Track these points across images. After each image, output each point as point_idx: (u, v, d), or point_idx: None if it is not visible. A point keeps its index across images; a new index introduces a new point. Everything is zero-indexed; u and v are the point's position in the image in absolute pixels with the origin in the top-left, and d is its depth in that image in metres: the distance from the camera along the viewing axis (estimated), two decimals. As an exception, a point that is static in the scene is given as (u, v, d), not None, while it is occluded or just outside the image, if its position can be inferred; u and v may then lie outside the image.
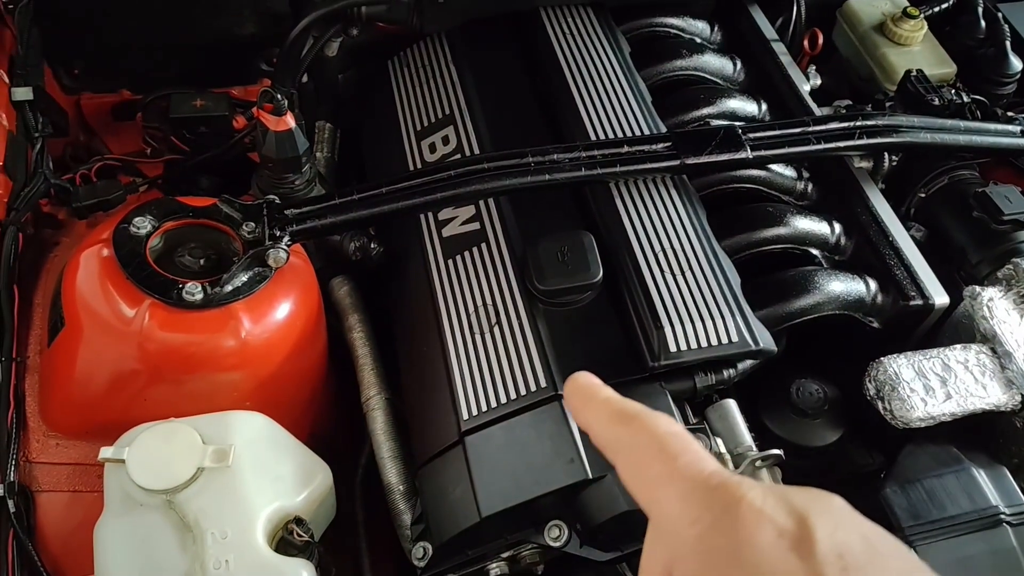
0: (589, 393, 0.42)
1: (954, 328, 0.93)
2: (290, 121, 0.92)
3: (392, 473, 0.88)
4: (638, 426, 0.38)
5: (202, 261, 0.85)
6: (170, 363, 0.79)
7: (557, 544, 0.78)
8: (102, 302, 0.79)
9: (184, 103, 1.10)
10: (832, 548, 0.31)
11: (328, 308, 0.97)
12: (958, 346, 0.87)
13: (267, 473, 0.76)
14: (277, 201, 0.87)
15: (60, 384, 0.86)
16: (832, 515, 0.32)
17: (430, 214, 0.97)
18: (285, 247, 0.83)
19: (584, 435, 0.77)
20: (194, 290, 0.78)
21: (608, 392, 0.42)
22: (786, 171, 1.00)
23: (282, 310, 0.84)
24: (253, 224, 0.84)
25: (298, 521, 0.76)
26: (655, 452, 0.37)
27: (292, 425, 0.83)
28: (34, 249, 1.01)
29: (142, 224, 0.82)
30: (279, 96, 0.90)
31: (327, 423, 1.00)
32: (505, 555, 0.80)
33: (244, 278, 0.82)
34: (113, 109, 1.20)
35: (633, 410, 0.40)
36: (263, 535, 0.73)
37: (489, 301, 0.88)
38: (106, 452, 0.74)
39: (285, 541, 0.75)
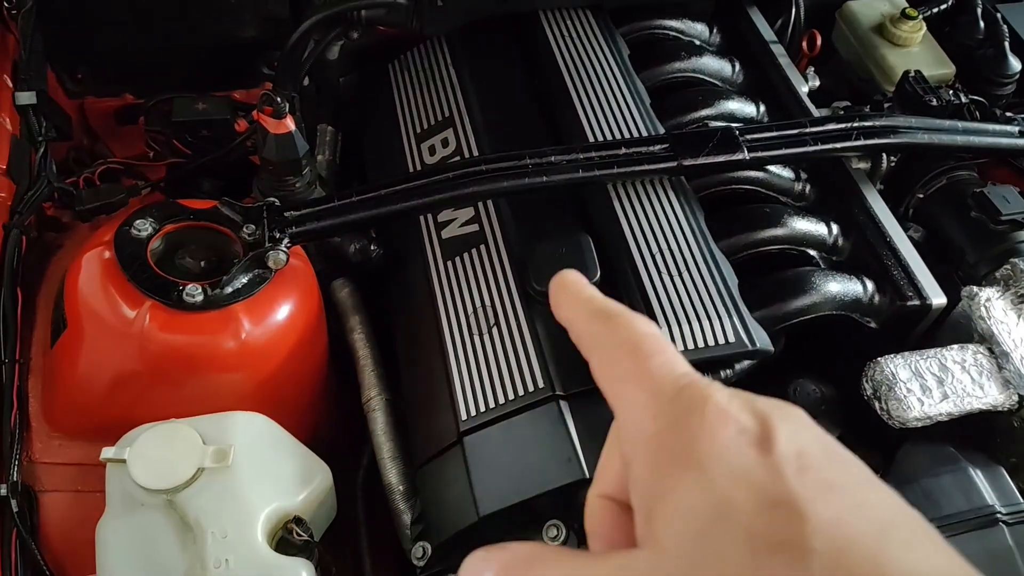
0: (573, 289, 0.41)
1: (952, 328, 0.93)
2: (290, 124, 0.92)
3: (392, 473, 0.89)
4: (616, 324, 0.37)
5: (203, 263, 0.86)
6: (171, 364, 0.80)
7: (555, 543, 0.78)
8: (103, 304, 0.80)
9: (186, 107, 1.11)
10: (792, 448, 0.31)
11: (329, 310, 0.98)
12: (955, 346, 0.87)
13: (267, 473, 0.77)
14: (277, 203, 0.88)
15: (62, 385, 0.87)
16: (794, 421, 0.32)
17: (430, 216, 0.98)
18: (285, 249, 0.84)
19: (582, 435, 0.78)
20: (194, 292, 0.79)
21: (592, 291, 0.40)
22: (784, 172, 1.00)
23: (282, 311, 0.85)
24: (253, 226, 0.85)
25: (298, 521, 0.76)
26: (629, 350, 0.36)
27: (293, 426, 0.84)
28: (37, 252, 1.02)
29: (143, 227, 0.83)
30: (279, 99, 0.91)
31: (328, 424, 1.01)
32: (504, 555, 0.81)
33: (244, 280, 0.83)
34: (116, 113, 1.21)
35: (615, 309, 0.39)
36: (263, 535, 0.73)
37: (488, 302, 0.88)
38: (107, 452, 0.75)
39: (285, 541, 0.76)
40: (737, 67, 1.14)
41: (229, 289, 0.81)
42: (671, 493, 0.31)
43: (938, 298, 0.90)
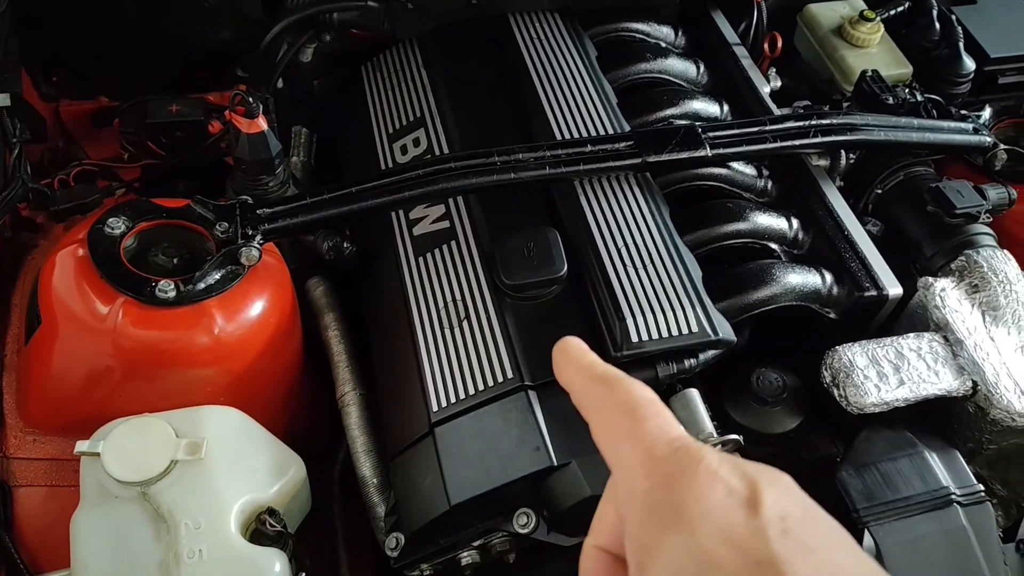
0: (576, 355, 0.44)
1: (909, 318, 0.96)
2: (262, 123, 0.94)
3: (366, 467, 0.90)
4: (615, 387, 0.40)
5: (176, 260, 0.87)
6: (144, 359, 0.81)
7: (525, 531, 0.80)
8: (77, 300, 0.81)
9: (160, 109, 1.12)
10: (777, 511, 0.33)
11: (304, 308, 0.99)
12: (911, 334, 0.90)
13: (240, 466, 0.78)
14: (250, 201, 0.89)
15: (37, 381, 0.88)
16: (780, 485, 0.35)
17: (401, 213, 1.00)
18: (257, 245, 0.86)
19: (550, 423, 0.80)
20: (167, 288, 0.80)
21: (593, 357, 0.44)
22: (746, 169, 1.03)
23: (255, 307, 0.86)
24: (226, 223, 0.86)
25: (270, 512, 0.77)
26: (626, 412, 0.39)
27: (268, 421, 0.85)
28: (12, 252, 1.03)
29: (116, 224, 0.84)
30: (251, 99, 0.92)
31: (304, 420, 1.02)
32: (476, 543, 0.82)
33: (217, 276, 0.84)
34: (91, 115, 1.22)
35: (615, 374, 0.41)
36: (236, 526, 0.75)
37: (458, 296, 0.90)
38: (82, 446, 0.76)
39: (258, 532, 0.77)
40: (702, 68, 1.17)
41: (202, 285, 0.82)
42: (661, 548, 0.34)
43: (894, 289, 0.92)
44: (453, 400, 0.84)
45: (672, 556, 0.33)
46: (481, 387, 0.83)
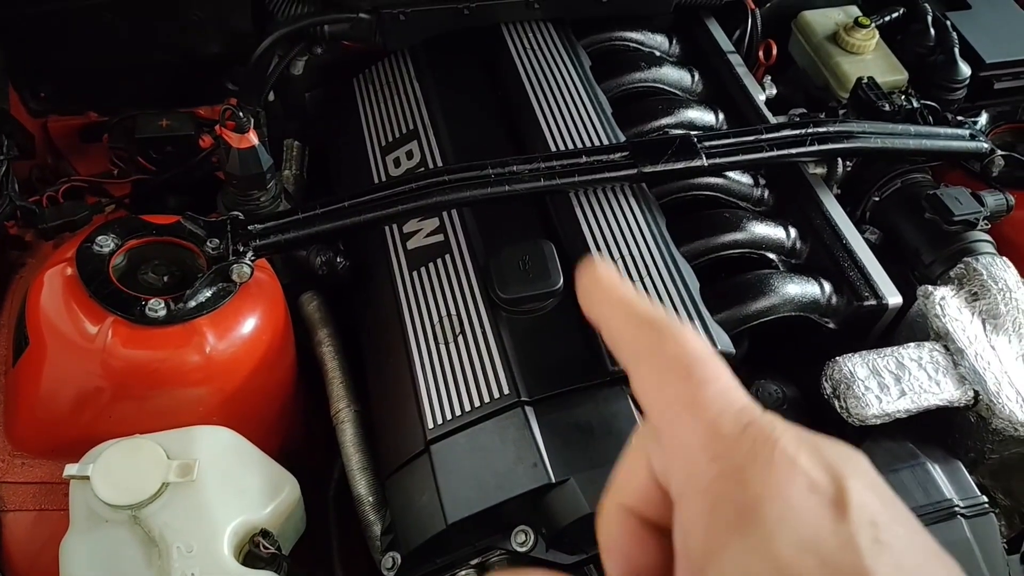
0: (610, 285, 0.36)
1: (909, 327, 0.95)
2: (253, 138, 0.93)
3: (362, 485, 0.89)
4: (667, 336, 0.33)
5: (166, 278, 0.86)
6: (134, 379, 0.80)
7: (524, 549, 0.78)
8: (65, 320, 0.80)
9: (149, 123, 1.11)
10: (866, 515, 0.28)
11: (298, 324, 0.98)
12: (911, 344, 0.89)
13: (233, 486, 0.77)
14: (241, 217, 0.88)
15: (25, 403, 0.86)
16: (863, 475, 0.30)
17: (395, 227, 0.99)
18: (249, 262, 0.84)
19: (547, 439, 0.79)
20: (157, 306, 0.79)
21: (631, 289, 0.36)
22: (743, 178, 1.02)
23: (247, 325, 0.85)
24: (217, 240, 0.85)
25: (264, 534, 0.76)
26: (682, 372, 0.32)
27: (261, 440, 0.83)
28: (0, 270, 1.01)
29: (105, 243, 0.83)
30: (241, 113, 0.91)
31: (298, 438, 1.01)
32: (474, 562, 0.81)
33: (208, 294, 0.83)
34: (80, 131, 1.21)
35: (663, 319, 0.34)
36: (229, 548, 0.73)
37: (453, 311, 0.89)
38: (71, 469, 0.75)
39: (252, 554, 0.76)
40: (696, 77, 1.17)
41: (192, 303, 0.81)
42: (728, 552, 0.29)
43: (894, 298, 0.92)
44: (449, 417, 0.83)
45: (742, 563, 0.28)
46: (477, 403, 0.82)
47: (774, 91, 1.17)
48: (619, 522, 0.35)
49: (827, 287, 0.93)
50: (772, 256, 0.97)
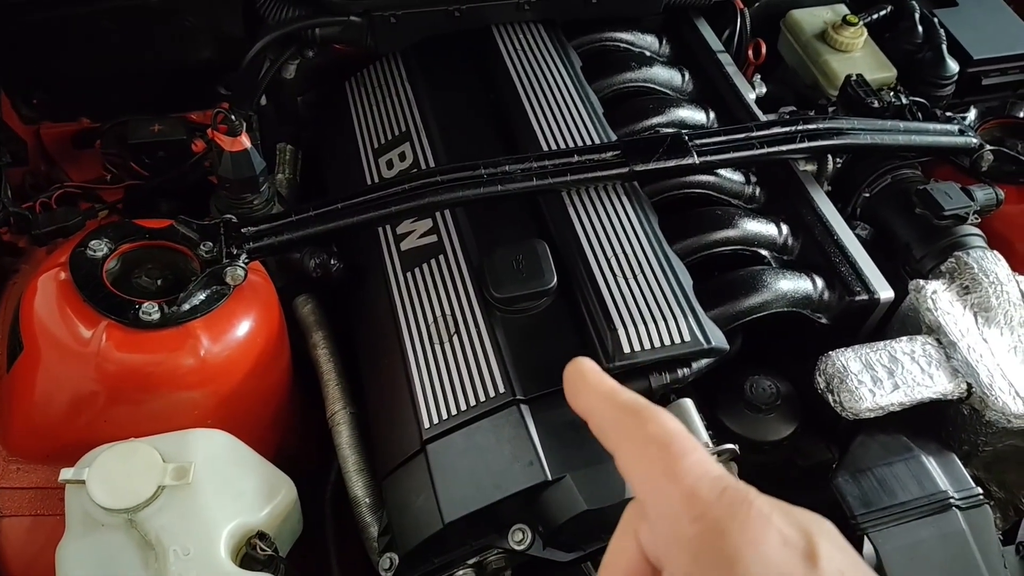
0: (594, 380, 0.41)
1: (901, 321, 0.95)
2: (245, 141, 0.93)
3: (358, 486, 0.89)
4: (647, 419, 0.38)
5: (160, 282, 0.86)
6: (129, 383, 0.80)
7: (521, 547, 0.79)
8: (59, 325, 0.79)
9: (141, 128, 1.11)
10: (835, 565, 0.32)
11: (293, 327, 0.98)
12: (904, 338, 0.89)
13: (229, 489, 0.77)
14: (234, 220, 0.88)
15: (20, 408, 0.86)
16: (830, 536, 0.34)
17: (388, 228, 0.99)
18: (243, 264, 0.84)
19: (543, 438, 0.79)
20: (151, 310, 0.79)
21: (612, 382, 0.41)
22: (734, 176, 1.02)
23: (242, 327, 0.85)
24: (210, 243, 0.85)
25: (261, 536, 0.76)
26: (660, 447, 0.37)
27: (257, 442, 0.83)
28: (-7, 277, 1.01)
29: (98, 247, 0.83)
30: (233, 117, 0.91)
31: (294, 440, 1.01)
32: (471, 561, 0.81)
33: (202, 296, 0.83)
34: (73, 137, 1.20)
35: (643, 404, 0.39)
36: (226, 551, 0.73)
37: (448, 311, 0.89)
38: (66, 473, 0.75)
39: (249, 556, 0.76)
40: (687, 76, 1.17)
41: (186, 306, 0.81)
42: None
43: (885, 292, 0.92)
44: (445, 416, 0.83)
45: None
46: (473, 402, 0.82)
47: (764, 89, 1.18)
48: None
49: (819, 283, 0.93)
50: (764, 253, 0.97)
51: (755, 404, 0.88)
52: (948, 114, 1.13)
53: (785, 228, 0.99)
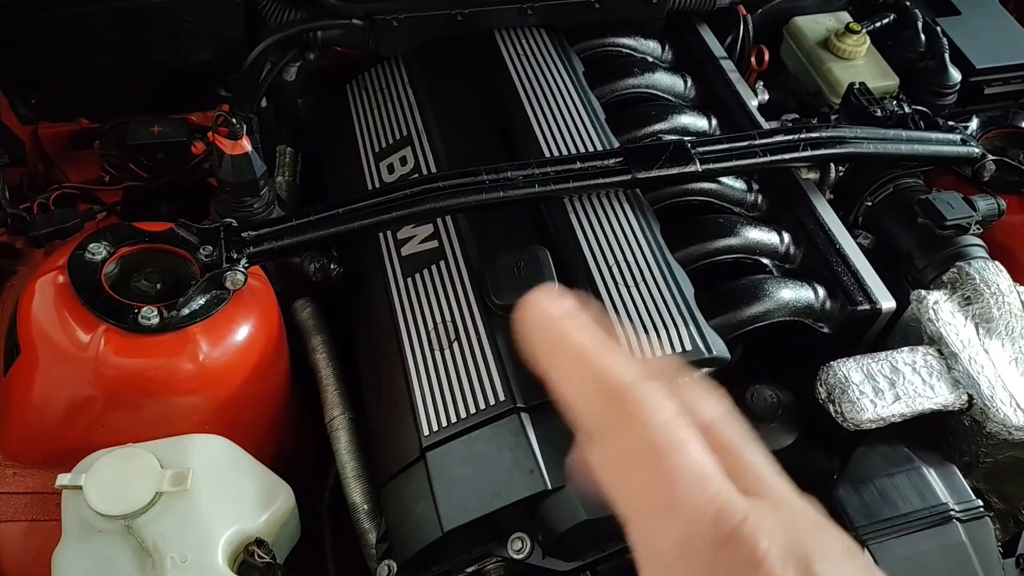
0: (558, 328, 0.30)
1: (903, 332, 0.95)
2: (246, 144, 0.92)
3: (356, 492, 0.88)
4: (634, 414, 0.30)
5: (159, 286, 0.85)
6: (127, 388, 0.79)
7: (520, 556, 0.78)
8: (57, 328, 0.79)
9: (141, 130, 1.10)
10: None
11: (292, 331, 0.98)
12: (905, 348, 0.89)
13: (227, 495, 0.76)
14: (234, 224, 0.88)
15: (16, 412, 0.85)
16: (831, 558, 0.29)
17: (389, 233, 0.98)
18: (243, 269, 0.84)
19: (543, 446, 0.79)
20: (150, 314, 0.79)
21: (582, 336, 0.30)
22: (736, 183, 1.02)
23: (241, 332, 0.85)
24: (210, 247, 0.85)
25: (259, 543, 0.76)
26: (653, 456, 0.30)
27: (255, 448, 0.83)
28: (-10, 279, 1.01)
29: (97, 250, 0.82)
30: (234, 119, 0.91)
31: (292, 446, 1.00)
32: (470, 570, 0.81)
33: (201, 301, 0.82)
34: (71, 138, 1.20)
35: (623, 380, 0.30)
36: (224, 557, 0.73)
37: (448, 318, 0.89)
38: (63, 479, 0.74)
39: (246, 564, 0.75)
40: (689, 82, 1.17)
41: (186, 311, 0.81)
42: None
43: (887, 302, 0.92)
44: (444, 424, 0.82)
45: None
46: (473, 410, 0.82)
47: (766, 96, 1.18)
48: None
49: (821, 292, 0.93)
50: (766, 261, 0.97)
51: (756, 413, 0.88)
52: (950, 123, 1.12)
53: (787, 236, 0.99)
